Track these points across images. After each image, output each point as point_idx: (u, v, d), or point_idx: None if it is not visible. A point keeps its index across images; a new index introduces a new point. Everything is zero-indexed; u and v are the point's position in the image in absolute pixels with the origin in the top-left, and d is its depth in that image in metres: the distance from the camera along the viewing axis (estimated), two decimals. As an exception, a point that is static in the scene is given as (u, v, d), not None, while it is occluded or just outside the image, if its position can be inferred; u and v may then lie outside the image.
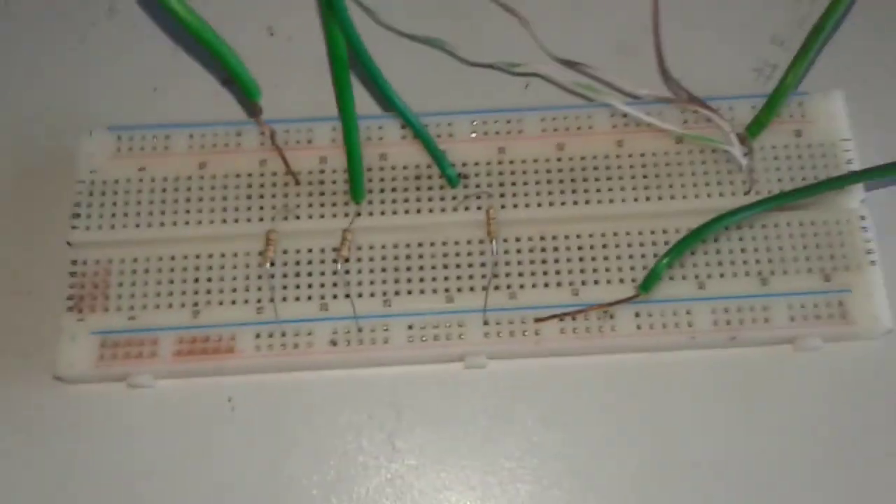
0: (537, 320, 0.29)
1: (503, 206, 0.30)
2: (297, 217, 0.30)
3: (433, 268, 0.30)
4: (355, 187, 0.30)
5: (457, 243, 0.30)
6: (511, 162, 0.31)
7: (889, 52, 0.34)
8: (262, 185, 0.31)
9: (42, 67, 0.34)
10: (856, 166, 0.30)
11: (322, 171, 0.31)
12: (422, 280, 0.30)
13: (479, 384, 0.29)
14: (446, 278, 0.30)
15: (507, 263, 0.30)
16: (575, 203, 0.30)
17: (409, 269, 0.30)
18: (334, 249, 0.30)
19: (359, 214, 0.30)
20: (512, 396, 0.29)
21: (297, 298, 0.29)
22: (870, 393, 0.29)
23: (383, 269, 0.30)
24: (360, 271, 0.30)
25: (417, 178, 0.31)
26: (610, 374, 0.29)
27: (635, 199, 0.30)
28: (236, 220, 0.30)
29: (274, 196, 0.30)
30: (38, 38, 0.35)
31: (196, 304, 0.29)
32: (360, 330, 0.29)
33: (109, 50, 0.34)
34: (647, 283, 0.28)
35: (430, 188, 0.30)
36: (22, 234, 0.31)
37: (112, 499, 0.28)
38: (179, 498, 0.28)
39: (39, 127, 0.33)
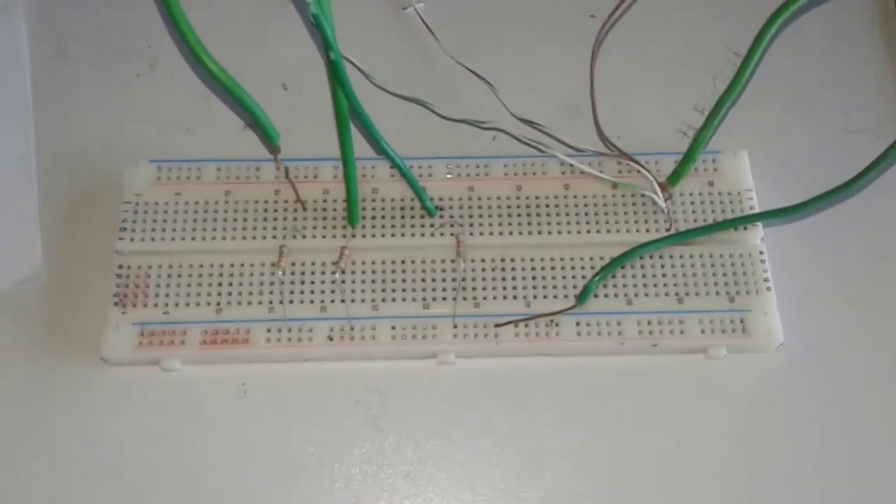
0: (497, 325, 0.31)
1: (471, 234, 0.33)
2: (304, 236, 0.33)
3: (413, 280, 0.32)
4: (352, 214, 0.33)
5: (433, 261, 0.33)
6: (479, 198, 0.34)
7: (784, 121, 0.37)
8: (276, 210, 0.33)
9: (97, 110, 0.36)
10: (756, 211, 0.33)
11: (325, 201, 0.33)
12: (404, 290, 0.32)
13: (448, 377, 0.32)
14: (423, 289, 0.32)
15: (473, 279, 0.32)
16: (529, 233, 0.33)
17: (393, 280, 0.32)
18: (333, 263, 0.32)
19: (354, 236, 0.33)
20: (475, 388, 0.32)
21: (302, 301, 0.32)
22: (765, 394, 0.32)
23: (373, 280, 0.32)
24: (353, 281, 0.32)
25: (402, 208, 0.33)
26: (555, 373, 0.32)
27: (578, 232, 0.33)
28: (254, 238, 0.33)
29: (285, 219, 0.33)
30: (93, 86, 0.37)
31: (219, 304, 0.32)
32: (352, 328, 0.31)
33: (151, 96, 0.37)
34: (582, 297, 0.31)
35: (412, 217, 0.33)
36: (78, 244, 0.34)
37: (142, 460, 0.30)
38: (197, 462, 0.31)
39: (95, 158, 0.35)
